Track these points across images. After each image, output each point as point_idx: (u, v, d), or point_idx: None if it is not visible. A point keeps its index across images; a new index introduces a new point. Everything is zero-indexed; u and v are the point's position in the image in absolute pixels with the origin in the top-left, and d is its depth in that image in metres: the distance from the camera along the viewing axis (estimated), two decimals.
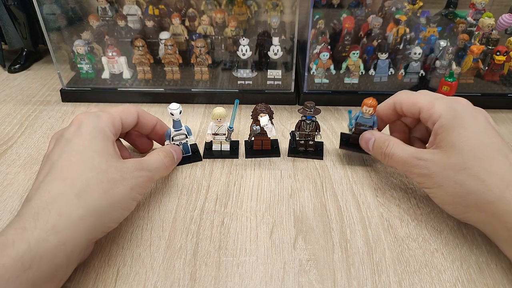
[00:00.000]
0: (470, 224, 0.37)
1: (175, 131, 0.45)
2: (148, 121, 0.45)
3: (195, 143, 0.50)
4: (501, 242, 0.35)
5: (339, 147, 0.48)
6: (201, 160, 0.48)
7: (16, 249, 0.27)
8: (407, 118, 0.45)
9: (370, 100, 0.44)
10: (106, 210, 0.32)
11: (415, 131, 0.46)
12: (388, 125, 0.48)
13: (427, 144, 0.40)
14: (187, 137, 0.47)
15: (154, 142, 0.49)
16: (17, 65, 0.72)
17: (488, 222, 0.35)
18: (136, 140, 0.47)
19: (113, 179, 0.34)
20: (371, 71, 0.61)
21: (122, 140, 0.46)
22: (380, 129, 0.47)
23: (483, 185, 0.34)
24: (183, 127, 0.46)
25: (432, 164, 0.37)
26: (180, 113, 0.44)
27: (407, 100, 0.42)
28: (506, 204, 0.32)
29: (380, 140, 0.43)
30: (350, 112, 0.46)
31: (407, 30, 0.60)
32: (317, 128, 0.47)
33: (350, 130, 0.47)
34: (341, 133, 0.50)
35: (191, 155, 0.48)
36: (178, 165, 0.47)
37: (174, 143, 0.46)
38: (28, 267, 0.27)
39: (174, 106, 0.43)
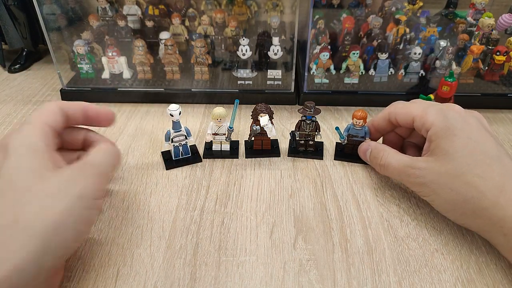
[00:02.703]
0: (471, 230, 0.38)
1: (174, 132, 0.45)
2: (74, 108, 0.37)
3: (195, 144, 0.50)
4: (500, 247, 0.35)
5: (334, 159, 0.49)
6: (201, 161, 0.48)
7: None
8: (401, 129, 0.45)
9: (359, 112, 0.45)
10: (51, 232, 0.28)
11: (411, 138, 0.46)
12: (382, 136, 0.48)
13: (422, 151, 0.40)
14: (186, 138, 0.46)
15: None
16: (17, 65, 0.72)
17: (486, 228, 0.35)
18: (93, 144, 0.39)
19: (49, 195, 0.29)
20: (371, 71, 0.61)
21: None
22: (375, 140, 0.47)
23: (478, 192, 0.34)
24: (182, 128, 0.46)
25: (427, 172, 0.37)
26: (179, 114, 0.44)
27: (401, 110, 0.42)
28: (501, 210, 0.32)
29: (375, 150, 0.44)
30: (337, 128, 0.47)
31: (407, 30, 0.60)
32: (317, 128, 0.47)
33: (343, 142, 0.48)
34: (336, 143, 0.51)
35: (190, 157, 0.48)
36: (177, 166, 0.47)
37: (173, 145, 0.46)
38: None
39: (174, 107, 0.43)
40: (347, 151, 0.48)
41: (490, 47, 0.59)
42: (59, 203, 0.29)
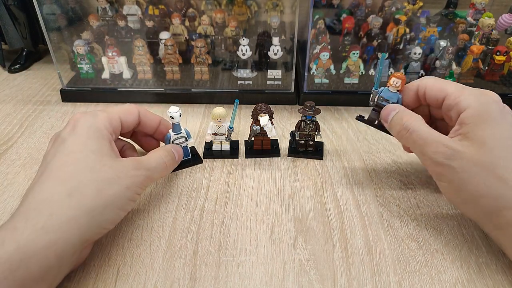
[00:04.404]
0: (481, 228, 0.36)
1: (174, 134, 0.45)
2: (151, 120, 0.44)
3: (194, 146, 0.50)
4: (510, 250, 0.33)
5: (356, 118, 0.44)
6: (202, 162, 0.48)
7: (5, 249, 0.27)
8: (421, 113, 0.41)
9: (399, 73, 0.40)
10: (99, 210, 0.32)
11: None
12: None
13: (449, 133, 0.36)
14: (187, 140, 0.46)
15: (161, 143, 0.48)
16: (17, 65, 0.72)
17: (502, 227, 0.33)
18: (142, 140, 0.46)
19: (107, 179, 0.33)
20: (371, 71, 0.61)
21: (130, 141, 0.46)
22: None
23: (507, 188, 0.32)
24: (182, 130, 0.45)
25: (460, 156, 0.33)
26: (179, 116, 0.44)
27: (433, 84, 0.38)
28: None
29: (403, 113, 0.39)
30: (379, 72, 0.42)
31: (407, 30, 0.60)
32: (317, 128, 0.47)
33: (371, 101, 0.42)
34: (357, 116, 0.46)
35: (191, 159, 0.48)
36: (178, 169, 0.47)
37: None
38: (17, 267, 0.27)
39: (174, 109, 0.43)
40: (372, 117, 0.43)
41: (490, 47, 0.59)
42: (111, 189, 0.33)
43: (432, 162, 0.35)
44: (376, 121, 0.43)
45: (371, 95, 0.42)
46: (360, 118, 0.44)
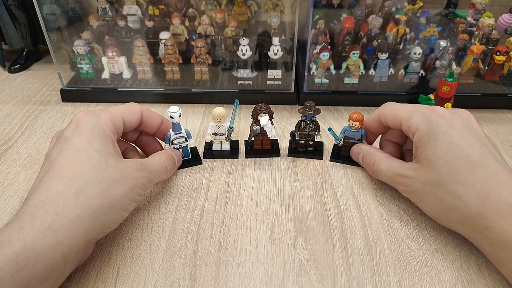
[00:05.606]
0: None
1: (174, 134, 0.45)
2: (153, 120, 0.44)
3: (195, 146, 0.50)
4: (487, 256, 0.34)
5: (330, 160, 0.48)
6: (201, 163, 0.48)
7: (12, 248, 0.27)
8: (394, 135, 0.45)
9: (355, 115, 0.44)
10: (104, 210, 0.32)
11: (407, 144, 0.45)
12: (379, 136, 0.47)
13: (412, 156, 0.40)
14: (187, 141, 0.46)
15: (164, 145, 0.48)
16: (17, 65, 0.72)
17: (472, 236, 0.35)
18: (144, 143, 0.46)
19: (112, 179, 0.33)
20: (371, 71, 0.61)
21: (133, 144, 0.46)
22: (370, 141, 0.47)
23: (461, 201, 0.34)
24: (182, 130, 0.45)
25: (413, 181, 0.37)
26: (179, 116, 0.44)
27: (390, 112, 0.41)
28: (484, 220, 0.32)
29: (367, 155, 0.44)
30: (330, 129, 0.47)
31: (407, 30, 0.60)
32: (317, 128, 0.47)
33: (338, 144, 0.48)
34: (334, 144, 0.50)
35: (191, 159, 0.48)
36: (178, 169, 0.47)
37: (173, 147, 0.46)
38: (23, 267, 0.27)
39: (174, 109, 0.43)
40: (343, 153, 0.48)
41: (490, 47, 0.59)
42: (115, 189, 0.33)
43: (401, 191, 0.40)
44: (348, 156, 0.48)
45: (339, 142, 0.48)
46: (333, 159, 0.48)
